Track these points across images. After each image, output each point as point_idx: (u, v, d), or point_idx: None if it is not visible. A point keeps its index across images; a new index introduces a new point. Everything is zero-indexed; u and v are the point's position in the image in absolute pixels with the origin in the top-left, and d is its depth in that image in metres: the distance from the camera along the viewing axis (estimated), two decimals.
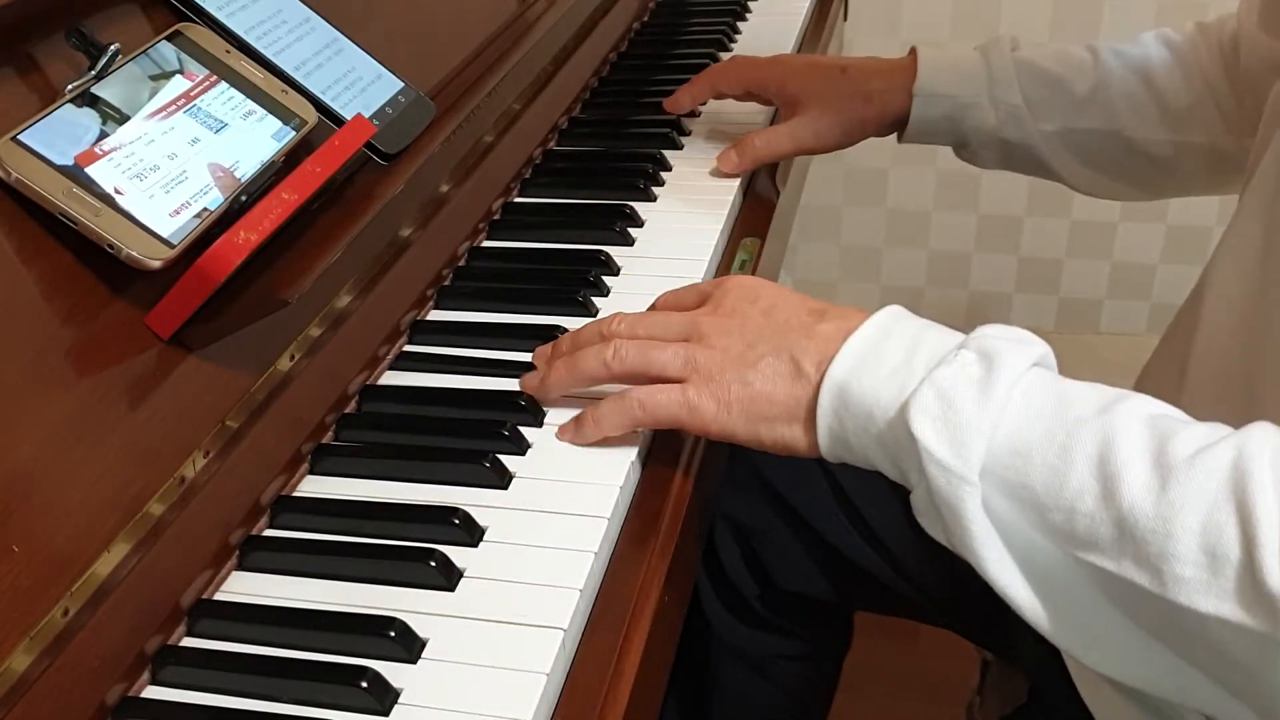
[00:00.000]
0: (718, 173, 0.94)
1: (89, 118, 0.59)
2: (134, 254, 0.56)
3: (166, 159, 0.60)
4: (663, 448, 0.67)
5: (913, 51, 0.96)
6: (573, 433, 0.65)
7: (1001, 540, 0.54)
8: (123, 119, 0.60)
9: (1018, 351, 0.56)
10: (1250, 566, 0.47)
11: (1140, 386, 0.81)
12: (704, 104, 1.04)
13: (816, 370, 0.60)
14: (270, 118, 0.67)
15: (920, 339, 0.58)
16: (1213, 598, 0.48)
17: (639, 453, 0.65)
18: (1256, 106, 0.84)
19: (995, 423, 0.53)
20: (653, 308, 0.70)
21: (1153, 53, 0.92)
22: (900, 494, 0.62)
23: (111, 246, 0.56)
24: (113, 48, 0.61)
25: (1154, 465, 0.50)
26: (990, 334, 0.57)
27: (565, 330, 0.74)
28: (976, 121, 0.94)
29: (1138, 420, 0.52)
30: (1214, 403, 0.69)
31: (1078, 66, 0.93)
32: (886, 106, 0.95)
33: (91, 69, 0.60)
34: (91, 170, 0.57)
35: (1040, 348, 0.57)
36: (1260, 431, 0.51)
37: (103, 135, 0.58)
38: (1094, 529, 0.51)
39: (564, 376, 0.67)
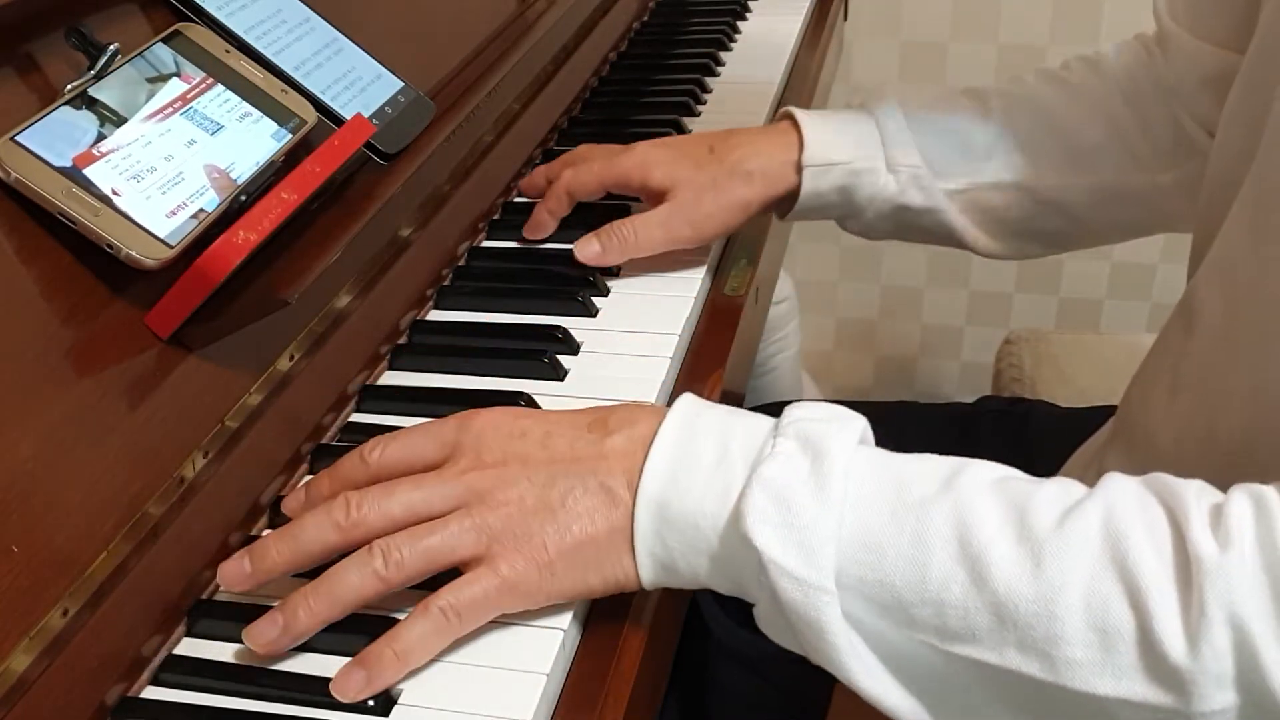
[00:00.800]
0: None
1: (87, 120, 0.59)
2: (133, 254, 0.56)
3: (163, 161, 0.60)
4: None
5: (786, 117, 0.85)
6: (362, 683, 0.50)
7: (868, 647, 0.49)
8: (120, 121, 0.60)
9: (839, 433, 0.51)
10: (1147, 640, 0.44)
11: (1132, 391, 0.81)
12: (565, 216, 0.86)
13: (628, 491, 0.52)
14: (268, 118, 0.67)
15: (728, 430, 0.52)
16: (1110, 678, 0.45)
17: None
18: (1171, 131, 0.80)
19: (840, 520, 0.48)
20: (376, 469, 0.56)
21: (1044, 94, 0.85)
22: None
23: (111, 246, 0.56)
24: (112, 47, 0.61)
25: (1019, 540, 0.46)
26: (803, 416, 0.52)
27: (565, 330, 0.74)
28: (874, 189, 0.84)
29: (986, 490, 0.48)
30: (1204, 414, 0.68)
31: (971, 117, 0.85)
32: (771, 185, 0.83)
33: (91, 69, 0.60)
34: (89, 172, 0.57)
35: (858, 423, 0.52)
36: (1119, 485, 0.48)
37: (100, 137, 0.58)
38: (968, 620, 0.47)
39: (318, 609, 0.52)
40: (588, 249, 0.80)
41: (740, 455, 0.51)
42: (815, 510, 0.48)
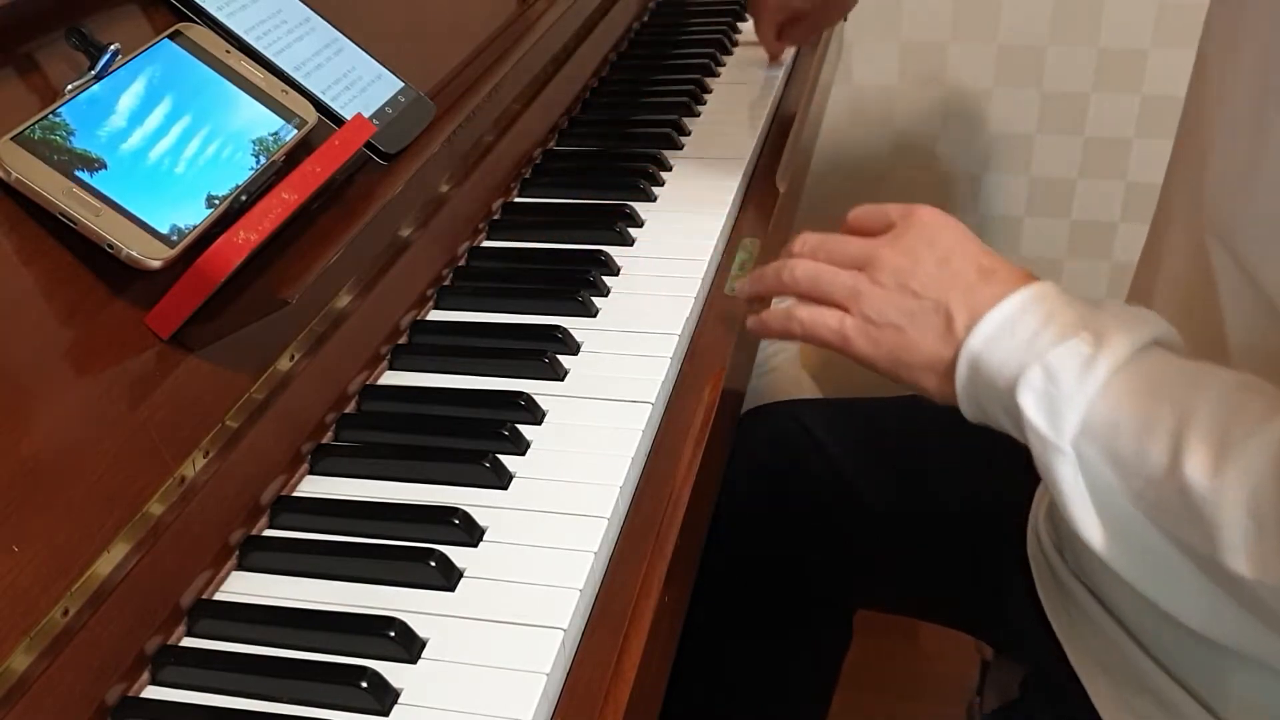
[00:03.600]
0: (718, 171, 0.94)
1: (88, 118, 0.59)
2: (134, 254, 0.56)
3: (164, 160, 0.60)
4: (663, 448, 0.67)
5: None
6: (752, 324, 0.74)
7: (1090, 495, 0.59)
8: (119, 121, 0.60)
9: (1129, 332, 0.60)
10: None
11: None
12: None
13: (964, 333, 0.64)
14: (270, 118, 0.67)
15: (1052, 318, 0.62)
16: (1253, 564, 0.52)
17: (639, 453, 0.65)
18: None
19: (1092, 397, 0.58)
20: (846, 223, 0.74)
21: None
22: (900, 493, 0.62)
23: (111, 246, 0.56)
24: (113, 48, 0.61)
25: (1220, 442, 0.54)
26: (1112, 312, 0.61)
27: (564, 330, 0.74)
28: None
29: (1217, 397, 0.56)
30: None
31: None
32: None
33: (91, 69, 0.60)
34: (89, 172, 0.57)
35: (1154, 328, 0.61)
36: None
37: (101, 137, 0.58)
38: (1164, 497, 0.56)
39: (752, 285, 0.75)
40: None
41: (1048, 338, 0.61)
42: (1073, 387, 0.59)
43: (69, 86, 0.59)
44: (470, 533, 0.59)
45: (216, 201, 0.61)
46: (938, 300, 0.65)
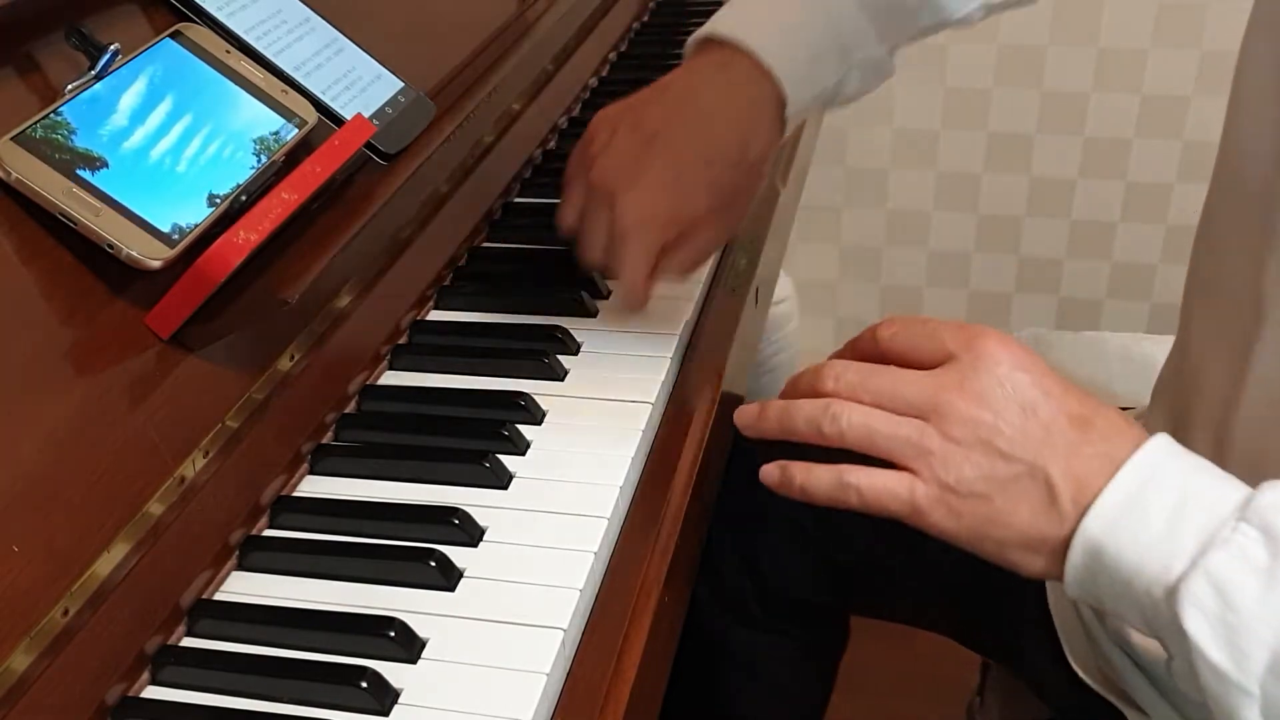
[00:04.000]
0: None
1: (89, 117, 0.59)
2: (134, 254, 0.56)
3: (165, 159, 0.60)
4: (663, 448, 0.67)
5: (761, 71, 0.76)
6: (778, 479, 0.59)
7: None
8: (121, 119, 0.60)
9: None
10: None
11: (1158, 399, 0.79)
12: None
13: (1073, 509, 0.52)
14: (270, 117, 0.67)
15: (1188, 495, 0.51)
16: None
17: (639, 453, 0.65)
18: None
19: None
20: (883, 344, 0.59)
21: None
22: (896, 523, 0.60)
23: (111, 246, 0.56)
24: (113, 48, 0.61)
25: None
26: (1274, 503, 0.49)
27: (564, 330, 0.74)
28: (844, 92, 0.82)
29: None
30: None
31: None
32: (768, 153, 0.77)
33: (91, 69, 0.60)
34: (91, 171, 0.57)
35: None
36: None
37: (103, 136, 0.58)
38: None
39: (772, 427, 0.60)
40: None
41: (1193, 530, 0.50)
42: (1256, 609, 0.48)
43: (69, 86, 0.59)
44: (470, 533, 0.59)
45: (218, 200, 0.61)
46: (1032, 464, 0.53)
